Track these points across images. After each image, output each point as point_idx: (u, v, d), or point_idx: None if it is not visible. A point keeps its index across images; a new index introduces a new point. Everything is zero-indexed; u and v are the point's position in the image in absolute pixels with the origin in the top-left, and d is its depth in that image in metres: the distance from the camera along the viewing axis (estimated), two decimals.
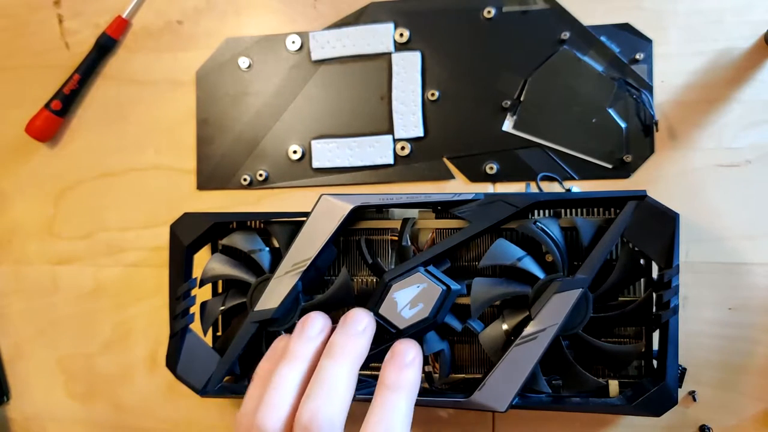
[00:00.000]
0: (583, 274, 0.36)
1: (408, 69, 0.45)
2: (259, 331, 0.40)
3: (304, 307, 0.39)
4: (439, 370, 0.40)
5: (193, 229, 0.41)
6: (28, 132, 0.49)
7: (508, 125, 0.44)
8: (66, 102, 0.49)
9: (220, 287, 0.44)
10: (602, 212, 0.39)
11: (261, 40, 0.47)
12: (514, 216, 0.37)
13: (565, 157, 0.43)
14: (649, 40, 0.42)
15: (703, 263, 0.41)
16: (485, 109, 0.44)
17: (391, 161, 0.45)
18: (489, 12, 0.44)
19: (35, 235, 0.50)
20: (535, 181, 0.43)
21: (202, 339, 0.42)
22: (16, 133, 0.50)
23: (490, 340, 0.38)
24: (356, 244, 0.41)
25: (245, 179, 0.47)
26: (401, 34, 0.45)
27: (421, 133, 0.45)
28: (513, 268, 0.37)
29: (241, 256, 0.42)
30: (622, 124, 0.42)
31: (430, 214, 0.41)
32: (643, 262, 0.38)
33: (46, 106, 0.49)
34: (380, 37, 0.45)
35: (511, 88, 0.44)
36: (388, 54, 0.45)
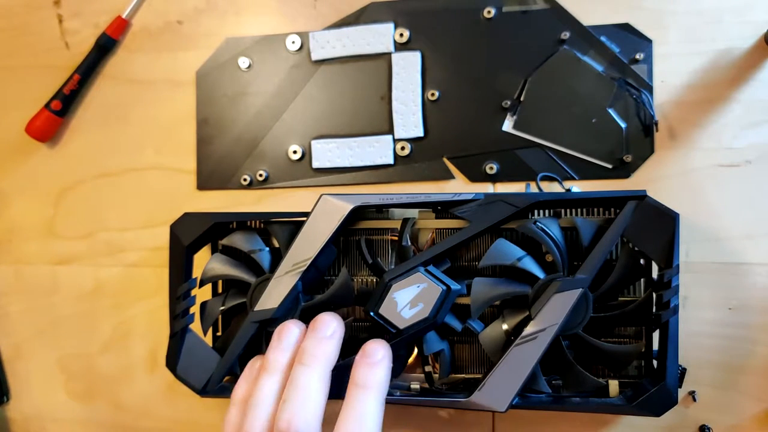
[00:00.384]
0: (583, 274, 0.36)
1: (408, 69, 0.45)
2: (259, 331, 0.40)
3: (304, 307, 0.39)
4: (439, 370, 0.40)
5: (193, 229, 0.41)
6: (28, 132, 0.49)
7: (508, 125, 0.44)
8: (66, 102, 0.49)
9: (220, 287, 0.44)
10: (602, 212, 0.39)
11: (261, 40, 0.47)
12: (514, 216, 0.37)
13: (565, 157, 0.43)
14: (649, 40, 0.42)
15: (703, 263, 0.41)
16: (485, 109, 0.44)
17: (391, 161, 0.45)
18: (489, 12, 0.44)
19: (35, 235, 0.50)
20: (535, 181, 0.43)
21: (202, 339, 0.42)
22: (16, 133, 0.50)
23: (490, 340, 0.38)
24: (356, 244, 0.41)
25: (245, 179, 0.47)
26: (401, 34, 0.45)
27: (421, 133, 0.45)
28: (513, 268, 0.37)
29: (241, 256, 0.42)
30: (622, 124, 0.42)
31: (430, 214, 0.41)
32: (643, 262, 0.38)
33: (46, 106, 0.49)
34: (380, 37, 0.45)
35: (511, 88, 0.44)
36: (388, 54, 0.45)
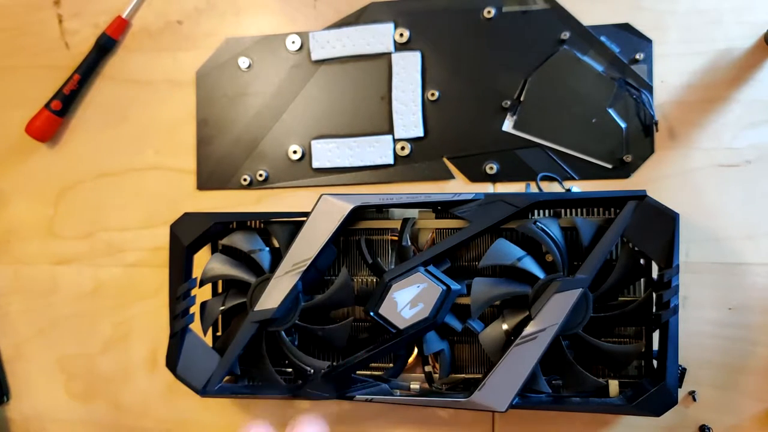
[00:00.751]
0: (583, 274, 0.36)
1: (408, 69, 0.45)
2: (259, 331, 0.40)
3: (304, 307, 0.39)
4: (439, 370, 0.40)
5: (193, 229, 0.41)
6: (28, 132, 0.49)
7: (508, 125, 0.44)
8: (66, 102, 0.49)
9: (220, 287, 0.44)
10: (602, 212, 0.39)
11: (261, 40, 0.47)
12: (514, 216, 0.37)
13: (565, 157, 0.43)
14: (649, 40, 0.42)
15: (703, 263, 0.41)
16: (485, 109, 0.44)
17: (391, 161, 0.45)
18: (489, 12, 0.44)
19: (35, 235, 0.50)
20: (535, 181, 0.43)
21: (202, 339, 0.42)
22: (16, 133, 0.50)
23: (490, 340, 0.38)
24: (356, 244, 0.41)
25: (245, 179, 0.47)
26: (401, 34, 0.45)
27: (421, 133, 0.45)
28: (513, 268, 0.37)
29: (241, 256, 0.42)
30: (622, 124, 0.42)
31: (430, 214, 0.41)
32: (643, 262, 0.38)
33: (46, 106, 0.49)
34: (380, 37, 0.45)
35: (511, 88, 0.44)
36: (388, 54, 0.45)
